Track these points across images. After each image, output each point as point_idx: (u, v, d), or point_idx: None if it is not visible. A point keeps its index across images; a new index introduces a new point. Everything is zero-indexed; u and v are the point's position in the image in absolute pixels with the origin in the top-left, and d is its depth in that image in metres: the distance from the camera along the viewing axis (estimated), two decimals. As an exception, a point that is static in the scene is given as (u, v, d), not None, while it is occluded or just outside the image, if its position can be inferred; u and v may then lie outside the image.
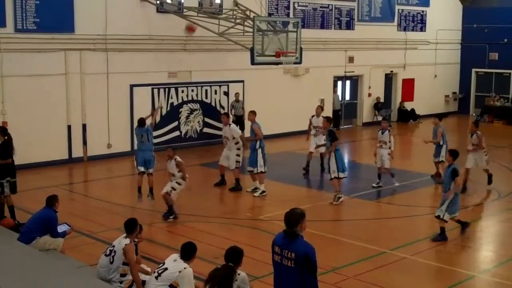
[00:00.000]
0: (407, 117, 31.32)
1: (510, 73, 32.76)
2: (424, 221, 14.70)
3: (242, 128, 22.34)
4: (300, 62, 21.68)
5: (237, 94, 23.94)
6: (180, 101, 22.68)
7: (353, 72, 28.90)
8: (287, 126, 25.81)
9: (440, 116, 19.02)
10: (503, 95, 32.70)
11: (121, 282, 9.14)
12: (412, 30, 31.65)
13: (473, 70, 34.23)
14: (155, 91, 21.97)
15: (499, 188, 17.41)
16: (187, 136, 23.02)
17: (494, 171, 18.36)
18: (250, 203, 15.82)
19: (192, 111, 23.06)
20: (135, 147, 21.37)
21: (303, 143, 24.52)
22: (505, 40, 32.42)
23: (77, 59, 20.01)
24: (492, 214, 15.35)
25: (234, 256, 7.69)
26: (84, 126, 20.41)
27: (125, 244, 9.03)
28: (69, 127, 20.12)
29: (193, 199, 15.80)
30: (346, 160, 22.04)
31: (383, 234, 13.42)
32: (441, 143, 18.06)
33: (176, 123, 22.63)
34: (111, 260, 9.11)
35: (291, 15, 25.60)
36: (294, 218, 6.79)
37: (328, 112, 27.77)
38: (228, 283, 7.45)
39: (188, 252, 8.28)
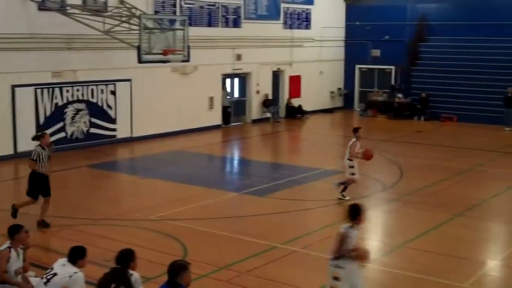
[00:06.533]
0: (295, 113, 31.89)
1: (391, 69, 34.06)
2: (313, 214, 15.06)
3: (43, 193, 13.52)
4: (188, 60, 21.62)
5: (43, 139, 13.66)
6: (65, 101, 22.00)
7: (241, 69, 29.11)
8: (177, 125, 25.67)
9: None
10: (385, 90, 33.92)
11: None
12: (298, 28, 32.26)
13: (357, 66, 35.34)
14: (39, 91, 21.23)
15: (383, 180, 18.06)
16: (73, 137, 22.35)
17: (378, 163, 19.05)
18: (140, 203, 15.57)
19: (78, 111, 22.44)
20: (18, 150, 20.77)
21: (194, 141, 24.58)
22: (387, 37, 33.67)
23: (-47, 59, 19.06)
24: (378, 205, 15.89)
25: (123, 258, 7.60)
26: (-38, 129, 19.46)
27: None
28: None
29: (83, 202, 15.44)
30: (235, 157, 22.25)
31: (274, 229, 13.60)
32: None
33: (61, 124, 21.91)
34: None
35: (177, 13, 25.45)
36: (174, 268, 7.06)
37: (217, 109, 27.95)
38: (126, 284, 7.38)
39: (76, 256, 8.06)
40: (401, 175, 19.03)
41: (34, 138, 13.76)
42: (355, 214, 8.80)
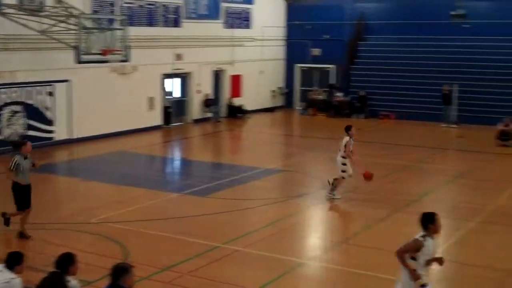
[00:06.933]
0: (236, 112, 31.93)
1: (331, 68, 34.42)
2: (254, 213, 15.12)
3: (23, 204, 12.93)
4: (127, 60, 21.42)
5: (24, 146, 12.91)
6: (1, 103, 21.50)
7: (182, 69, 28.96)
8: (117, 125, 25.35)
9: None
10: (325, 89, 34.27)
11: None
12: (238, 27, 32.31)
13: (297, 65, 35.58)
14: (-27, 93, 20.71)
15: (323, 177, 18.22)
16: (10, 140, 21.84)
17: (318, 161, 19.23)
18: (81, 206, 15.35)
19: (14, 113, 21.93)
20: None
21: (135, 142, 24.36)
22: (327, 36, 34.06)
23: None
24: (318, 202, 16.07)
25: (63, 262, 7.49)
26: None
27: None
28: None
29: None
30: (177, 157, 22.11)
31: (216, 229, 13.61)
32: None
33: (-3, 127, 21.42)
34: None
35: (117, 12, 25.14)
36: (116, 271, 7.02)
37: (158, 109, 27.75)
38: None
39: (13, 262, 7.90)
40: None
41: (14, 146, 13.16)
42: (426, 222, 8.44)
